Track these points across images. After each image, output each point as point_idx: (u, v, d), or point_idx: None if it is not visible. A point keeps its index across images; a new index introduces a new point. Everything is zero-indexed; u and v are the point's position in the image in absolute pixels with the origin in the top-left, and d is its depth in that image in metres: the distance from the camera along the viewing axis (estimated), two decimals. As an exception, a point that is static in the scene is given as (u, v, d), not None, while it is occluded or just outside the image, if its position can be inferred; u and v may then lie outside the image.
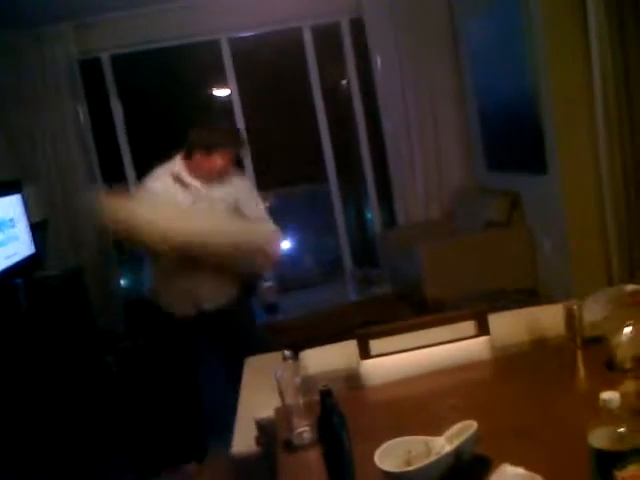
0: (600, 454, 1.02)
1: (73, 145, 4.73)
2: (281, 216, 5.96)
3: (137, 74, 5.23)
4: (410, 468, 1.25)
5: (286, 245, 6.22)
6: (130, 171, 5.04)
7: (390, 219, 5.46)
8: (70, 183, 4.76)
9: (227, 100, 5.15)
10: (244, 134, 3.15)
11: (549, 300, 3.46)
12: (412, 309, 4.23)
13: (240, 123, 5.11)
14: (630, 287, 1.34)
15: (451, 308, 3.34)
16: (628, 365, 1.36)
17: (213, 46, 4.98)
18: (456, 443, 1.27)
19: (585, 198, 3.82)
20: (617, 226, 3.62)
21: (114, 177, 5.01)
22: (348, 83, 5.30)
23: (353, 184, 5.63)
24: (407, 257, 4.53)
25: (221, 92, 5.37)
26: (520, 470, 1.10)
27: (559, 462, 1.22)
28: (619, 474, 1.01)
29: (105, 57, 4.89)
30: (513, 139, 4.46)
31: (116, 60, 4.92)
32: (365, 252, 5.56)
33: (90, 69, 4.83)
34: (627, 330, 1.35)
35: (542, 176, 4.07)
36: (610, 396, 1.02)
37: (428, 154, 5.15)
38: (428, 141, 5.13)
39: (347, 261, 5.46)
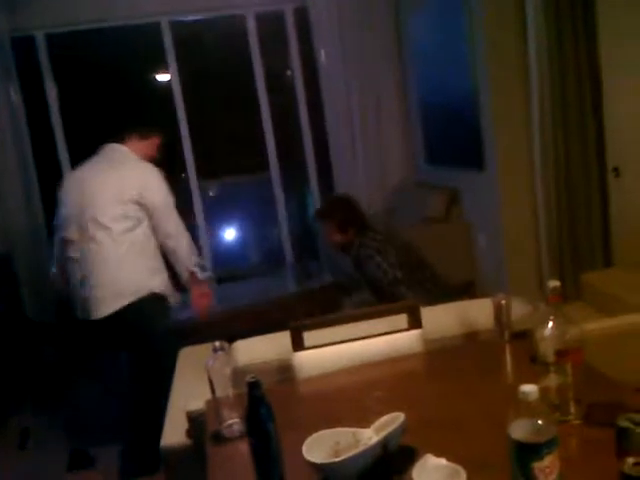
0: (518, 445, 1.05)
1: (4, 126, 4.53)
2: (224, 206, 5.94)
3: (74, 55, 5.04)
4: (337, 459, 1.26)
5: (229, 235, 6.18)
6: (64, 155, 4.87)
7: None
8: (0, 165, 4.56)
9: (167, 86, 5.03)
10: None
11: (485, 295, 3.55)
12: (351, 301, 4.26)
13: (180, 109, 5.01)
14: (552, 283, 1.38)
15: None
16: (550, 359, 1.40)
17: (154, 29, 4.86)
18: (383, 434, 1.29)
19: (520, 195, 3.93)
20: (548, 224, 3.74)
21: (47, 161, 4.83)
22: (292, 73, 5.27)
23: (295, 176, 5.61)
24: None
25: (162, 77, 5.24)
26: (442, 461, 1.12)
27: (482, 453, 1.24)
28: (536, 465, 1.04)
29: (40, 35, 4.70)
30: (453, 135, 4.54)
31: (52, 39, 4.73)
32: (306, 244, 5.56)
33: (23, 48, 4.62)
34: (549, 325, 1.39)
35: (480, 173, 4.16)
36: (528, 389, 1.05)
37: (370, 148, 5.19)
38: (370, 135, 5.16)
39: (288, 252, 5.45)
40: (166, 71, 5.01)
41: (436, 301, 2.26)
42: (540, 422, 1.05)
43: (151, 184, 2.75)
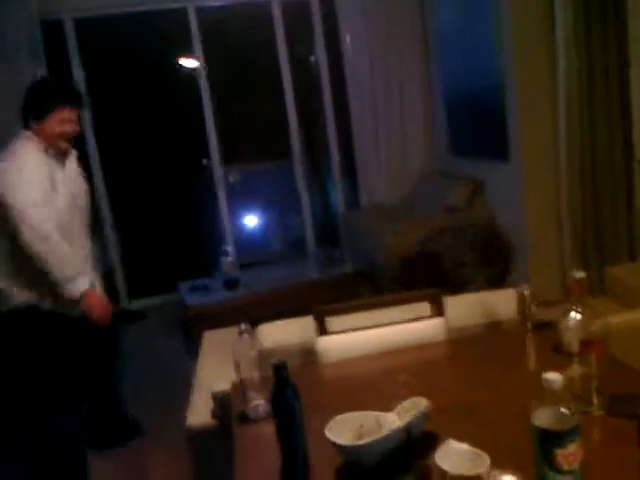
0: (542, 433, 1.06)
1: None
2: (247, 192, 5.98)
3: (101, 40, 5.09)
4: (361, 442, 1.28)
5: (251, 221, 6.22)
6: (90, 141, 4.93)
7: (354, 200, 5.49)
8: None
9: (193, 71, 5.06)
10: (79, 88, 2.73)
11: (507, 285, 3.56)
12: (372, 289, 4.29)
13: (205, 95, 5.03)
14: (577, 274, 1.39)
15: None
16: (574, 349, 1.41)
17: (181, 14, 4.89)
18: (407, 419, 1.31)
19: (544, 187, 3.90)
20: (572, 217, 3.72)
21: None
22: (316, 59, 5.26)
23: (318, 163, 5.62)
24: (367, 238, 4.57)
25: (188, 62, 5.28)
26: (465, 446, 1.14)
27: (504, 439, 1.26)
28: (559, 452, 1.05)
29: (68, 20, 4.75)
30: (478, 126, 4.52)
31: (80, 24, 4.77)
32: (328, 231, 5.58)
33: (52, 32, 4.68)
34: (574, 315, 1.39)
35: (504, 164, 4.14)
36: (553, 377, 1.06)
37: (393, 136, 5.18)
38: (393, 123, 5.15)
39: (310, 240, 5.48)
40: (192, 57, 5.04)
41: None
42: (563, 410, 1.06)
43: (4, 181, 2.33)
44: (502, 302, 2.03)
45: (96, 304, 2.45)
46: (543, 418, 1.06)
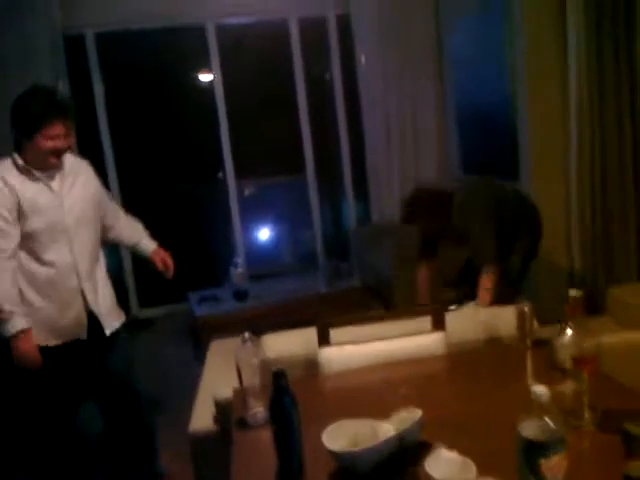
0: (527, 443, 1.10)
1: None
2: (259, 206, 6.06)
3: (120, 54, 5.21)
4: (355, 449, 1.32)
5: (263, 234, 6.29)
6: (108, 151, 5.03)
7: (365, 216, 5.53)
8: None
9: (210, 86, 5.17)
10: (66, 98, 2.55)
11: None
12: (380, 304, 4.31)
13: (221, 110, 5.13)
14: (572, 292, 1.42)
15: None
16: (567, 365, 1.44)
17: (199, 31, 5.00)
18: (401, 428, 1.35)
19: (553, 207, 3.92)
20: (581, 237, 3.73)
21: (92, 160, 4.98)
22: (331, 78, 5.34)
23: (331, 179, 5.68)
24: (377, 254, 4.61)
25: (205, 77, 5.39)
26: (454, 454, 1.18)
27: (493, 450, 1.29)
28: (544, 462, 1.09)
29: (90, 34, 4.87)
30: (489, 144, 4.57)
31: (100, 38, 4.90)
32: (338, 246, 5.63)
33: (73, 46, 4.80)
34: (568, 332, 1.43)
35: (514, 183, 4.17)
36: (540, 390, 1.10)
37: (406, 155, 5.21)
38: (406, 142, 5.19)
39: (320, 253, 5.53)
40: (209, 71, 5.15)
41: None
42: (549, 422, 1.09)
43: None
44: (503, 318, 2.07)
45: (25, 349, 2.27)
46: (529, 429, 1.10)
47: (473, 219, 2.66)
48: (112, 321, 2.55)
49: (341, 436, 1.37)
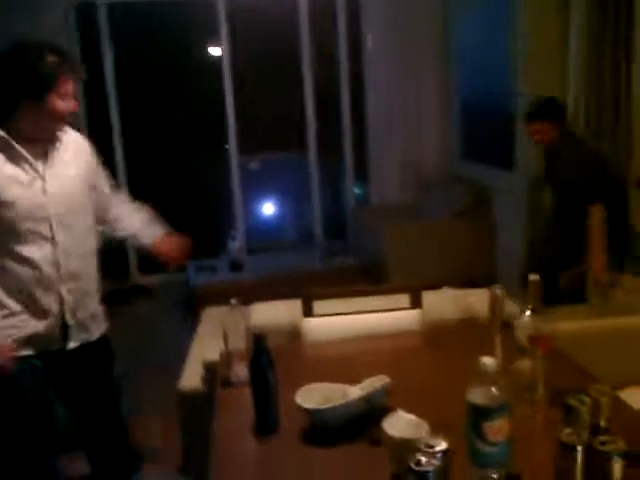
0: (473, 407, 1.23)
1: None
2: (261, 181, 6.16)
3: (131, 25, 5.29)
4: (324, 406, 1.46)
5: (264, 208, 6.42)
6: (116, 121, 5.12)
7: (365, 196, 5.64)
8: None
9: (217, 60, 5.25)
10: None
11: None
12: (372, 282, 4.44)
13: (227, 84, 5.21)
14: (531, 277, 1.54)
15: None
16: (525, 345, 1.57)
17: (209, 5, 5.07)
18: (367, 391, 1.49)
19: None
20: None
21: (99, 128, 5.07)
22: (338, 56, 5.41)
23: (333, 159, 5.78)
24: (373, 235, 4.73)
25: (213, 51, 5.47)
26: (411, 416, 1.31)
27: (449, 416, 1.42)
28: (487, 425, 1.22)
29: (102, 4, 4.94)
30: (488, 132, 4.66)
31: (112, 8, 4.97)
32: (336, 225, 5.74)
33: (85, 15, 4.88)
34: (526, 313, 1.55)
35: (509, 172, 4.27)
36: (487, 361, 1.23)
37: (408, 137, 5.30)
38: (409, 125, 5.27)
39: (318, 231, 5.65)
40: (217, 45, 5.22)
41: None
42: (494, 390, 1.22)
43: None
44: (478, 300, 2.19)
45: None
46: (476, 396, 1.23)
47: None
48: (81, 334, 2.06)
49: (314, 397, 1.51)
